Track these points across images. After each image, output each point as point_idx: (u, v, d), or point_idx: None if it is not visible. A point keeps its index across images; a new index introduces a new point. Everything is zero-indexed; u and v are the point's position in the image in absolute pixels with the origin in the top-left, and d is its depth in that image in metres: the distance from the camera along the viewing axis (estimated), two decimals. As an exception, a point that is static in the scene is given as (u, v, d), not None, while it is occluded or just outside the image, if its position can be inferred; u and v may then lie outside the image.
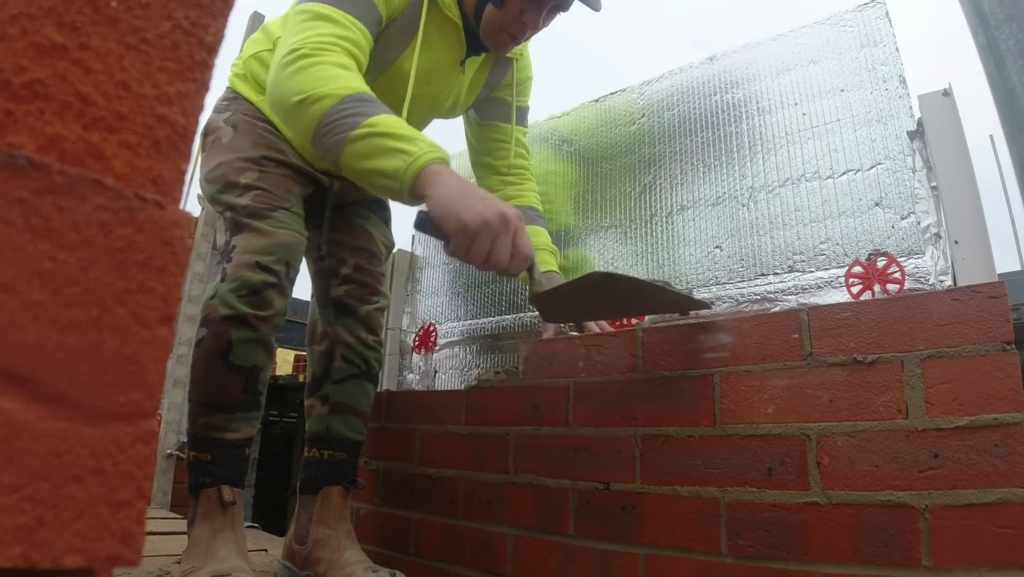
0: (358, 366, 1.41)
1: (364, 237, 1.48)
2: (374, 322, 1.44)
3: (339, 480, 1.36)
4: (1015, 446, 0.82)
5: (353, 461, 1.41)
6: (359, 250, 1.46)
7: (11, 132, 0.27)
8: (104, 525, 0.27)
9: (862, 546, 0.89)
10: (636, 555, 1.10)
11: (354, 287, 1.42)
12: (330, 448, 1.38)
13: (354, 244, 1.46)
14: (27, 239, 0.25)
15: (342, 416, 1.39)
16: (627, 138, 1.79)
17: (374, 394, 1.47)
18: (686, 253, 1.59)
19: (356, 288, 1.42)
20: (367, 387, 1.43)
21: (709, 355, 1.10)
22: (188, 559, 1.14)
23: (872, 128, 1.38)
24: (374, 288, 1.45)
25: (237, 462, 1.21)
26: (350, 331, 1.40)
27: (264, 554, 1.65)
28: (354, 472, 1.40)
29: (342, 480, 1.37)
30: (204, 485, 1.18)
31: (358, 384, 1.41)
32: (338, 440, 1.38)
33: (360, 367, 1.41)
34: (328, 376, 1.41)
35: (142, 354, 0.29)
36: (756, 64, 1.58)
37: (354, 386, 1.41)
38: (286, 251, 1.20)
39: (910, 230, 1.29)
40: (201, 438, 1.19)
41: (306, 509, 1.37)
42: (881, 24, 1.42)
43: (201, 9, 0.33)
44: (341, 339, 1.40)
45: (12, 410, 0.24)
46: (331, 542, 1.30)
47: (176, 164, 0.32)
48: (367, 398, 1.43)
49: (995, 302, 0.87)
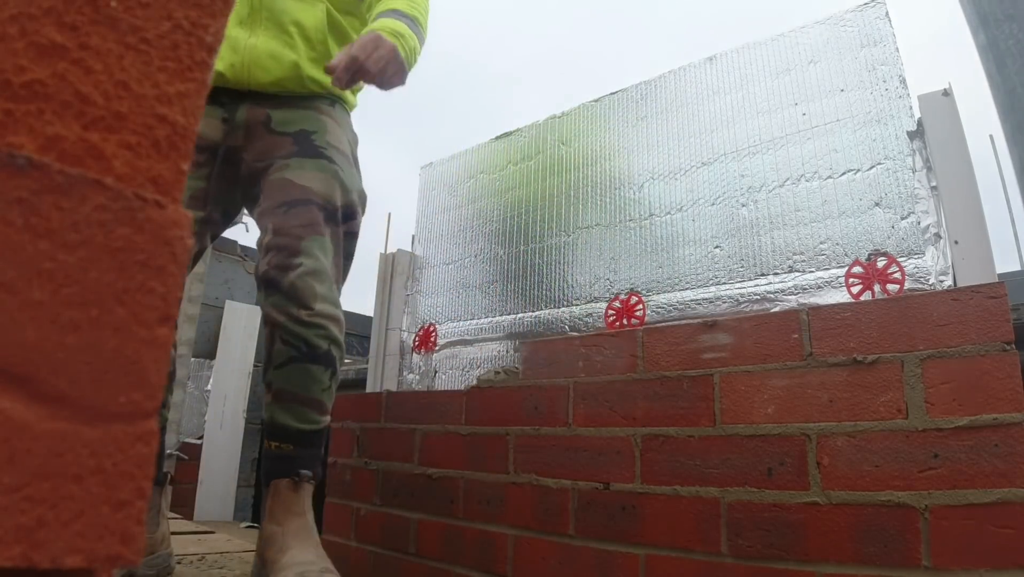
0: (297, 348, 1.23)
1: (282, 190, 1.27)
2: (301, 293, 1.22)
3: (287, 472, 1.23)
4: (1015, 446, 0.82)
5: (306, 452, 1.25)
6: (277, 208, 1.25)
7: (11, 132, 0.27)
8: (104, 525, 0.27)
9: (862, 546, 0.89)
10: (636, 555, 1.10)
11: (274, 254, 1.23)
12: (276, 439, 1.25)
13: (272, 204, 1.27)
14: (27, 239, 0.25)
15: (285, 404, 1.25)
16: (627, 138, 1.79)
17: (330, 376, 1.28)
18: (686, 253, 1.59)
19: (275, 255, 1.23)
20: (313, 370, 1.24)
21: (709, 355, 1.10)
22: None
23: (872, 128, 1.38)
24: (294, 248, 1.23)
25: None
26: (280, 309, 1.23)
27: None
28: (306, 463, 1.25)
29: (290, 472, 1.23)
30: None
31: (300, 368, 1.24)
32: (283, 431, 1.25)
33: (300, 348, 1.23)
34: (271, 361, 1.26)
35: (142, 354, 0.29)
36: (756, 64, 1.58)
37: (296, 370, 1.24)
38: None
39: (910, 230, 1.29)
40: None
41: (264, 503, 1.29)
42: (881, 24, 1.42)
43: (201, 9, 0.33)
44: (275, 320, 1.24)
45: (12, 410, 0.24)
46: (276, 541, 1.21)
47: (176, 164, 0.32)
48: (316, 382, 1.25)
49: (995, 302, 0.87)
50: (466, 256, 2.09)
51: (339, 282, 1.34)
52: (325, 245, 1.27)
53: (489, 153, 2.12)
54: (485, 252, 2.04)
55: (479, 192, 2.12)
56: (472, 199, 2.14)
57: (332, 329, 1.25)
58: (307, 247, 1.23)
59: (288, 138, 1.31)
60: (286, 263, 1.22)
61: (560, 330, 1.74)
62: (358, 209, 1.38)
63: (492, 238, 2.03)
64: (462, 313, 2.07)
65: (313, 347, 1.23)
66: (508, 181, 2.04)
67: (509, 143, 2.07)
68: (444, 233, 2.20)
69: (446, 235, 2.19)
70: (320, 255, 1.26)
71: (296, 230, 1.23)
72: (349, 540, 1.66)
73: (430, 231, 2.26)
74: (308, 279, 1.22)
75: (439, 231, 2.22)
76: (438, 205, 2.25)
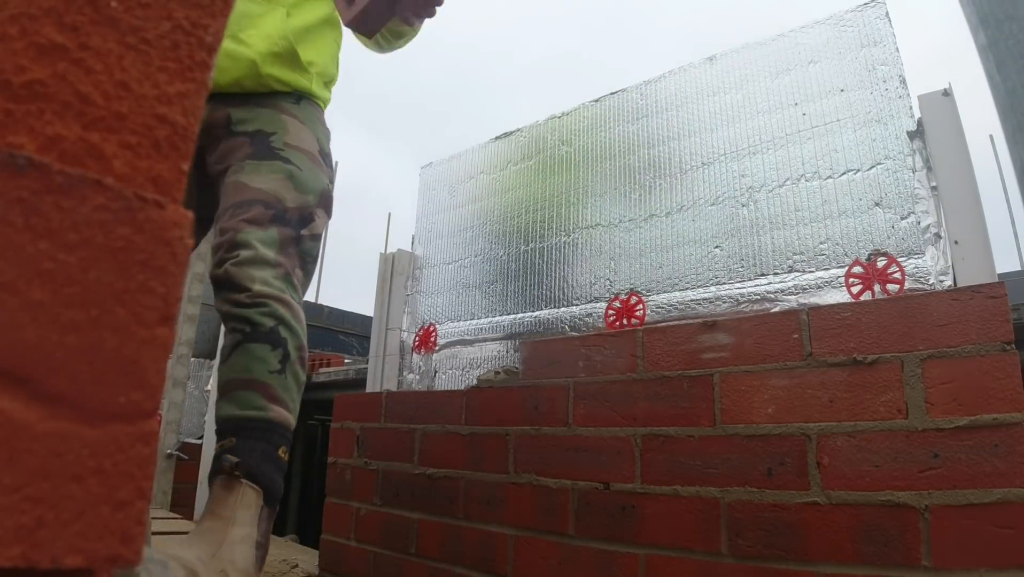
0: (241, 331, 1.14)
1: (234, 193, 1.24)
2: (236, 277, 1.15)
3: (219, 469, 1.09)
4: (1015, 446, 0.82)
5: (246, 444, 1.10)
6: (226, 211, 1.22)
7: (11, 132, 0.27)
8: (104, 525, 0.27)
9: (862, 546, 0.89)
10: (636, 555, 1.10)
11: (220, 253, 1.18)
12: (221, 436, 1.13)
13: (224, 208, 1.24)
14: (27, 239, 0.25)
15: (231, 393, 1.14)
16: (627, 138, 1.79)
17: (280, 358, 1.15)
18: (686, 253, 1.59)
19: (221, 253, 1.18)
20: (254, 348, 1.13)
21: (709, 355, 1.10)
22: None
23: (872, 128, 1.38)
24: (232, 242, 1.17)
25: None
26: (222, 300, 1.17)
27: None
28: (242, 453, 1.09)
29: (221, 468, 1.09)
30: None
31: (243, 350, 1.14)
32: (225, 423, 1.13)
33: (243, 330, 1.14)
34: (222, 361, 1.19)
35: (142, 354, 0.29)
36: (756, 64, 1.58)
37: (240, 354, 1.14)
38: None
39: (910, 230, 1.29)
40: None
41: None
42: (881, 24, 1.42)
43: (201, 9, 0.33)
44: (222, 313, 1.18)
45: (12, 410, 0.24)
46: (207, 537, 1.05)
47: (176, 164, 0.32)
48: (260, 362, 1.13)
49: (995, 302, 0.87)
50: (466, 256, 2.09)
51: (301, 282, 1.27)
52: (267, 239, 1.20)
53: (489, 153, 2.12)
54: (485, 252, 2.04)
55: (479, 192, 2.12)
56: (472, 199, 2.14)
57: (277, 307, 1.16)
58: (244, 239, 1.17)
59: (245, 139, 1.28)
60: (225, 257, 1.17)
61: (560, 330, 1.74)
62: (315, 210, 1.32)
63: (492, 238, 2.03)
64: (462, 313, 2.07)
65: (256, 324, 1.14)
66: (508, 181, 2.04)
67: (509, 143, 2.07)
68: (444, 233, 2.20)
69: (446, 235, 2.19)
70: (259, 246, 1.18)
71: (238, 225, 1.18)
72: (349, 540, 1.66)
73: (430, 231, 2.26)
74: (244, 267, 1.16)
75: (439, 231, 2.22)
76: (438, 205, 2.25)
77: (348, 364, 4.19)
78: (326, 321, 8.07)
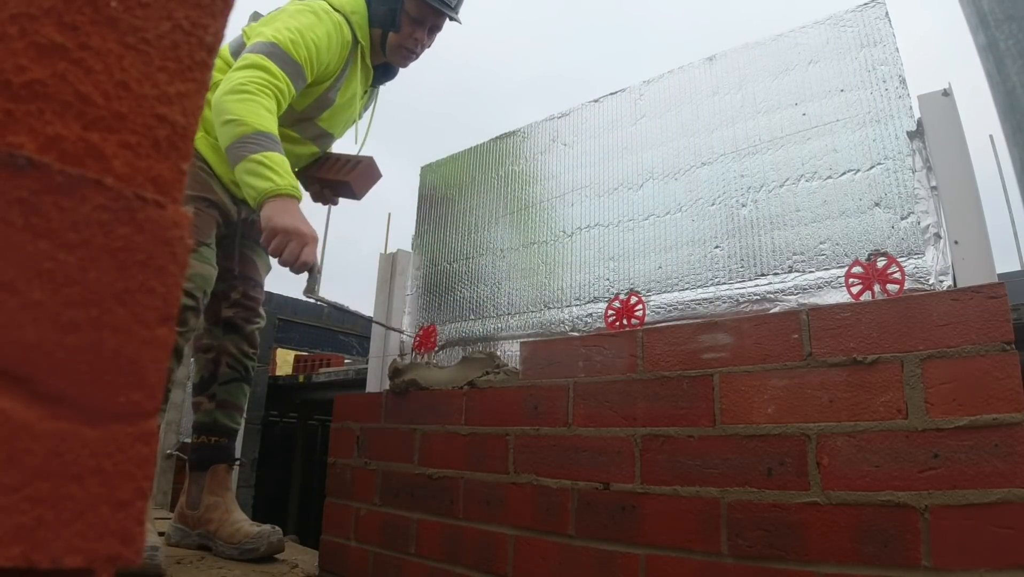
0: (239, 372, 1.91)
1: (252, 268, 1.94)
2: (255, 338, 1.96)
3: (225, 459, 1.87)
4: (1015, 446, 0.82)
5: (231, 445, 1.92)
6: (247, 279, 1.93)
7: (11, 132, 0.27)
8: (104, 525, 0.27)
9: (862, 546, 0.89)
10: (636, 555, 1.10)
11: (241, 310, 1.92)
12: (215, 435, 1.87)
13: (243, 273, 1.92)
14: (27, 239, 0.25)
15: (225, 410, 1.89)
16: (626, 137, 1.79)
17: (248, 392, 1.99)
18: (686, 253, 1.59)
19: (243, 311, 1.92)
20: (245, 388, 1.95)
21: (709, 355, 1.10)
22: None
23: (872, 128, 1.38)
24: (256, 311, 1.96)
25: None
26: (236, 345, 1.91)
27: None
28: (233, 453, 1.92)
29: (227, 459, 1.88)
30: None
31: (239, 385, 1.92)
32: (222, 429, 1.88)
33: (241, 372, 1.91)
34: (216, 379, 1.88)
35: (142, 354, 0.28)
36: (756, 64, 1.58)
37: (236, 387, 1.91)
38: (204, 281, 1.61)
39: (910, 230, 1.29)
40: None
41: (197, 483, 1.82)
42: (881, 24, 1.42)
43: (201, 9, 0.33)
44: (228, 351, 1.89)
45: (12, 410, 0.24)
46: (220, 507, 1.77)
47: (176, 164, 0.32)
48: (244, 396, 1.95)
49: (995, 302, 0.87)
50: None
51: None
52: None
53: (489, 153, 2.12)
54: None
55: (479, 192, 2.12)
56: (472, 199, 2.13)
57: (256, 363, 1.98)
58: (262, 312, 2.00)
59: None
60: (250, 318, 1.95)
61: (560, 330, 1.73)
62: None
63: (492, 238, 2.03)
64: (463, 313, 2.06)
65: (249, 372, 1.96)
66: (508, 181, 2.04)
67: (509, 143, 2.07)
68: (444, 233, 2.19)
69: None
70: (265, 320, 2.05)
71: (258, 300, 1.99)
72: (349, 540, 1.66)
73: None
74: (257, 333, 1.99)
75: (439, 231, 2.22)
76: (438, 205, 2.25)
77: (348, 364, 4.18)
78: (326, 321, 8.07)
